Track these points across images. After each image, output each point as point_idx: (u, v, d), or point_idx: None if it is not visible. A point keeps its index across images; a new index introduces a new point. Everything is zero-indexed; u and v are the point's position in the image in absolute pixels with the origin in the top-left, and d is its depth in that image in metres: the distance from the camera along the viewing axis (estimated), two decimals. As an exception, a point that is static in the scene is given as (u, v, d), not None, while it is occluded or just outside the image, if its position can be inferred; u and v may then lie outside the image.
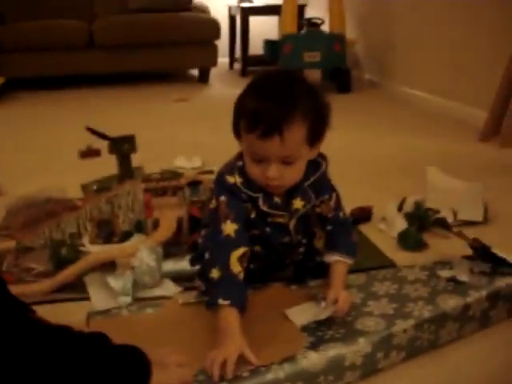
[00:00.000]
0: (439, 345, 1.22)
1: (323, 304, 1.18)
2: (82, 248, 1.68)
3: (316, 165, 1.24)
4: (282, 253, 1.31)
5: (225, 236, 1.15)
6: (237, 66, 5.58)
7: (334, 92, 4.37)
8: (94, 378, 0.87)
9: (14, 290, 1.44)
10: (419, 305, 1.21)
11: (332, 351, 1.07)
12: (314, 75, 4.61)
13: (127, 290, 1.38)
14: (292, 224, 1.26)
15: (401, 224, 1.76)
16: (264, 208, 1.20)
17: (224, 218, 1.17)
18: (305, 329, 1.14)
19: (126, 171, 1.99)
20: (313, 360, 1.05)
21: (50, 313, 1.37)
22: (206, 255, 1.18)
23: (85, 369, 0.86)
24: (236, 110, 1.15)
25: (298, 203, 1.23)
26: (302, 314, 1.17)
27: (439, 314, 1.20)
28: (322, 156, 1.26)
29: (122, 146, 1.95)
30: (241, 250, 1.14)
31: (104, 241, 1.70)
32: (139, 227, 1.73)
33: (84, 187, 2.13)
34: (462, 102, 3.39)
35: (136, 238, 1.67)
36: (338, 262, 1.25)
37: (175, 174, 2.06)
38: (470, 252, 1.46)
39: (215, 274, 1.12)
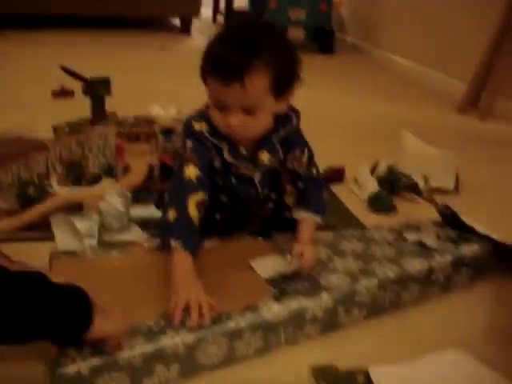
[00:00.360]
0: (401, 305, 1.24)
1: (289, 258, 1.18)
2: (49, 189, 1.66)
3: (287, 119, 1.22)
4: (249, 205, 1.30)
5: (186, 180, 1.14)
6: (220, 19, 5.49)
7: (316, 52, 4.33)
8: (33, 315, 0.83)
9: (-23, 225, 1.43)
10: (384, 265, 1.22)
11: (294, 303, 1.08)
12: (298, 34, 4.57)
13: (93, 231, 1.37)
14: (257, 177, 1.25)
15: (372, 186, 1.77)
16: (228, 158, 1.19)
17: (187, 161, 1.16)
18: (269, 281, 1.14)
19: (99, 114, 1.95)
20: (274, 310, 1.05)
21: (13, 251, 1.36)
22: (166, 197, 1.18)
23: (23, 306, 0.83)
24: (203, 54, 1.13)
25: (264, 156, 1.22)
26: (268, 266, 1.17)
27: (403, 275, 1.21)
28: (294, 110, 1.24)
29: (97, 88, 1.91)
30: (199, 196, 1.14)
31: (73, 183, 1.67)
32: (109, 171, 1.70)
33: (55, 128, 2.09)
34: (443, 72, 3.39)
35: (105, 182, 1.65)
36: (307, 219, 1.25)
37: (149, 121, 2.02)
38: (438, 219, 1.47)
39: (171, 215, 1.11)
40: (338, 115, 2.78)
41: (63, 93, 2.17)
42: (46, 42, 4.08)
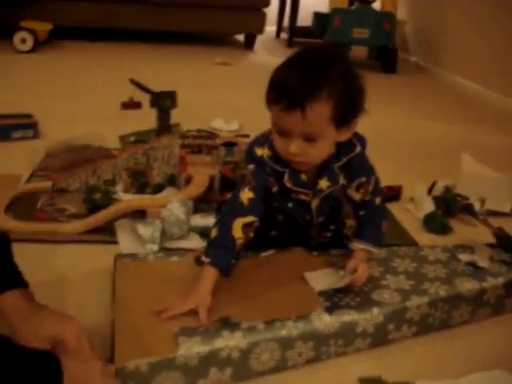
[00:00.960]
0: (450, 325, 1.25)
1: (342, 273, 1.21)
2: (115, 195, 1.74)
3: (350, 147, 1.21)
4: (306, 230, 1.32)
5: (238, 202, 1.17)
6: (283, 35, 5.56)
7: (378, 71, 4.33)
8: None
9: (48, 227, 1.51)
10: (436, 284, 1.24)
11: (345, 317, 1.11)
12: (361, 52, 4.58)
13: (155, 238, 1.43)
14: (315, 203, 1.25)
15: (428, 206, 1.78)
16: (288, 184, 1.20)
17: (245, 185, 1.18)
18: (321, 294, 1.17)
19: (165, 126, 2.03)
20: (326, 322, 1.08)
21: (79, 253, 1.44)
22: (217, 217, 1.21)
23: None
24: (269, 79, 1.13)
25: (323, 183, 1.21)
26: (320, 280, 1.21)
27: (454, 295, 1.22)
28: (359, 138, 1.23)
29: (164, 101, 1.99)
30: (248, 219, 1.15)
31: (137, 191, 1.75)
32: (172, 181, 1.77)
33: (122, 138, 2.18)
34: (505, 94, 3.35)
35: (168, 191, 1.72)
36: (364, 250, 1.25)
37: (211, 134, 2.09)
38: (493, 241, 1.47)
39: (213, 233, 1.14)
40: (396, 135, 2.78)
41: (132, 105, 2.26)
42: (116, 54, 4.23)
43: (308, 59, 1.10)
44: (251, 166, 1.20)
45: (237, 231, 1.14)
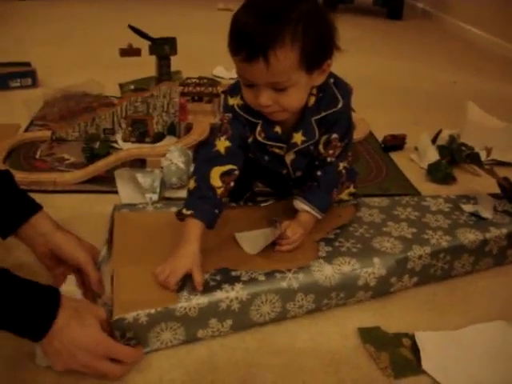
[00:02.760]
0: (452, 275, 1.24)
1: (273, 229, 1.14)
2: (114, 144, 1.72)
3: (332, 102, 1.11)
4: (284, 182, 1.27)
5: (214, 151, 1.11)
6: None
7: (384, 18, 4.25)
8: None
9: (47, 177, 1.50)
10: (438, 234, 1.22)
11: (346, 267, 1.10)
12: (366, -2, 4.48)
13: (155, 187, 1.41)
14: (289, 158, 1.17)
15: (432, 155, 1.76)
16: (259, 137, 1.14)
17: (221, 133, 1.13)
18: (322, 239, 1.16)
19: (165, 73, 1.99)
20: (327, 275, 1.07)
21: (78, 202, 1.43)
22: (193, 167, 1.15)
23: None
24: (230, 27, 1.01)
25: (297, 137, 1.13)
26: (251, 240, 1.14)
27: (456, 246, 1.20)
28: (344, 91, 1.12)
29: (163, 47, 1.94)
30: (227, 167, 1.09)
31: (136, 139, 1.73)
32: (172, 130, 1.75)
33: (122, 86, 2.14)
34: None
35: (168, 140, 1.70)
36: (307, 212, 1.15)
37: (213, 82, 2.05)
38: (497, 191, 1.45)
39: (191, 184, 1.09)
40: (401, 82, 2.74)
41: (131, 52, 2.20)
42: (115, 1, 4.15)
43: (267, 0, 0.98)
44: (228, 115, 1.14)
45: (215, 180, 1.08)
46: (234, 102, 1.13)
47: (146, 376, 0.94)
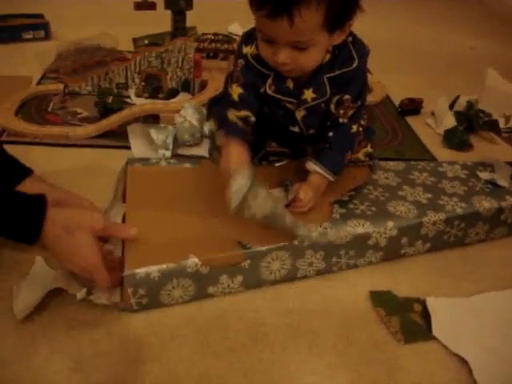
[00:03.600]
0: (466, 243, 1.23)
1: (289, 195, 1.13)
2: (127, 99, 1.70)
3: (348, 60, 1.08)
4: (298, 140, 1.25)
5: (228, 98, 1.11)
6: None
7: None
8: None
9: (59, 131, 1.49)
10: (453, 200, 1.21)
11: (358, 228, 1.09)
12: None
13: (167, 143, 1.40)
14: (300, 114, 1.15)
15: (449, 121, 1.73)
16: (269, 90, 1.12)
17: (233, 81, 1.12)
18: (337, 201, 1.15)
19: (180, 28, 1.95)
20: (338, 234, 1.07)
21: (90, 156, 1.42)
22: (207, 113, 1.16)
23: None
24: None
25: (308, 94, 1.10)
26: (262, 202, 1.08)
27: (471, 213, 1.19)
28: (360, 51, 1.09)
29: (178, 2, 1.91)
30: (242, 113, 1.09)
31: (150, 95, 1.71)
32: (186, 86, 1.72)
33: (135, 40, 2.12)
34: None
35: (182, 97, 1.68)
36: (319, 173, 1.13)
37: (228, 38, 2.02)
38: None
39: (211, 124, 1.11)
40: (419, 45, 2.69)
41: (145, 5, 2.17)
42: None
43: None
44: (241, 61, 1.12)
45: (233, 118, 1.09)
46: (247, 50, 1.11)
47: (157, 332, 0.94)
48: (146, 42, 2.05)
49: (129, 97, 1.71)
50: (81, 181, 1.20)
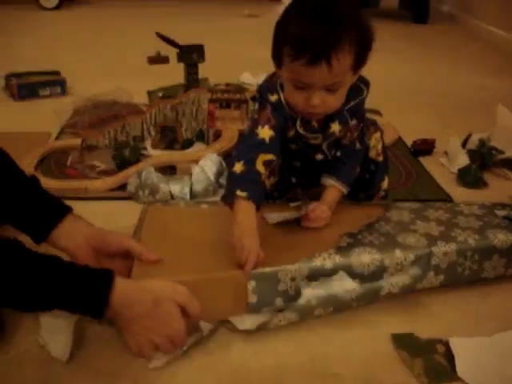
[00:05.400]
0: (483, 277, 1.20)
1: (302, 209, 1.19)
2: (144, 151, 1.73)
3: (358, 91, 1.19)
4: (322, 169, 1.29)
5: (259, 138, 1.14)
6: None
7: (409, 21, 4.23)
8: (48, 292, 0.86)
9: (78, 184, 1.52)
10: (466, 232, 1.19)
11: (366, 259, 1.09)
12: (392, 2, 4.46)
13: (184, 193, 1.42)
14: (325, 145, 1.23)
15: (462, 160, 1.74)
16: (300, 130, 1.19)
17: (264, 122, 1.15)
18: (346, 233, 1.16)
19: (193, 80, 2.00)
20: (347, 287, 1.06)
21: (109, 208, 1.45)
22: (233, 152, 1.18)
23: (39, 283, 0.85)
24: (277, 35, 1.08)
25: (335, 127, 1.19)
26: (277, 217, 1.18)
27: (485, 245, 1.17)
28: (364, 82, 1.20)
29: (191, 55, 1.96)
30: (269, 156, 1.13)
31: (166, 146, 1.74)
32: (201, 136, 1.76)
33: (150, 93, 2.16)
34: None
35: (197, 147, 1.71)
36: (334, 186, 1.24)
37: (240, 88, 2.06)
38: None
39: (238, 167, 1.10)
40: (430, 86, 2.72)
41: (159, 59, 2.23)
42: (142, 9, 4.19)
43: (316, 5, 1.03)
44: (269, 107, 1.18)
45: (260, 166, 1.11)
46: (275, 98, 1.18)
47: (179, 379, 0.94)
48: (161, 94, 2.10)
49: (145, 149, 1.75)
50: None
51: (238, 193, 1.07)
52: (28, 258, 0.86)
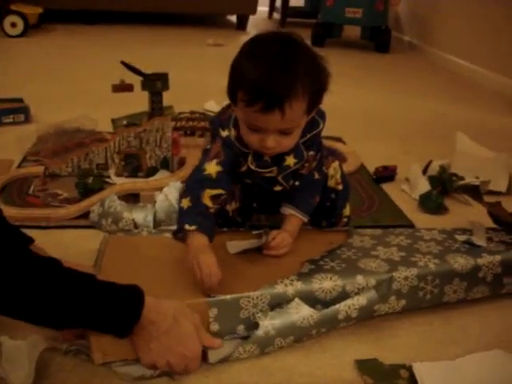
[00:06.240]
0: (445, 301, 1.22)
1: (263, 237, 1.19)
2: (107, 179, 1.72)
3: (314, 123, 1.19)
4: (281, 196, 1.30)
5: (205, 174, 1.16)
6: (276, 15, 5.51)
7: (372, 51, 4.31)
8: (81, 310, 0.89)
9: (41, 213, 1.50)
10: (427, 257, 1.21)
11: (328, 285, 1.10)
12: (354, 32, 4.55)
13: (148, 221, 1.42)
14: (281, 177, 1.24)
15: (423, 186, 1.77)
16: (252, 166, 1.19)
17: (212, 157, 1.17)
18: (308, 260, 1.17)
19: (157, 108, 2.00)
20: (305, 315, 1.06)
21: (72, 237, 1.43)
22: (182, 189, 1.22)
23: (73, 300, 0.88)
24: (232, 76, 1.09)
25: (290, 160, 1.20)
26: (239, 245, 1.20)
27: (445, 269, 1.19)
28: (321, 114, 1.21)
29: (155, 83, 1.96)
30: (216, 191, 1.15)
31: (130, 174, 1.73)
32: (165, 164, 1.76)
33: (114, 121, 2.16)
34: (501, 74, 3.34)
35: (161, 174, 1.70)
36: (293, 215, 1.26)
37: (204, 116, 2.07)
38: (489, 220, 1.45)
39: (185, 203, 1.13)
40: (390, 114, 2.77)
41: (123, 87, 2.22)
42: (107, 37, 4.19)
43: (272, 52, 1.04)
44: (220, 141, 1.19)
45: (207, 201, 1.14)
46: (226, 133, 1.18)
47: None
48: (125, 122, 2.09)
49: (109, 177, 1.74)
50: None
51: (187, 227, 1.09)
52: (64, 277, 0.89)
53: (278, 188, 1.27)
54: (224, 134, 1.18)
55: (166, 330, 0.92)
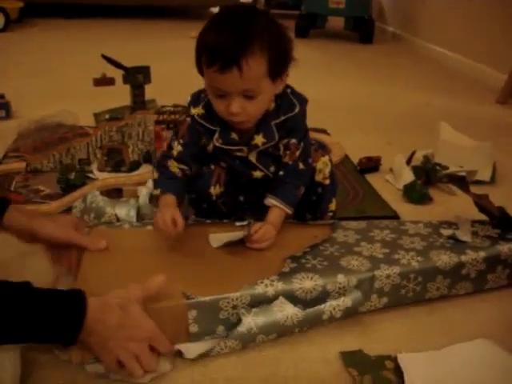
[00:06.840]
0: (428, 298, 1.22)
1: (245, 229, 1.19)
2: (90, 174, 1.71)
3: (290, 106, 1.23)
4: (265, 187, 1.30)
5: (172, 152, 1.25)
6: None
7: (355, 42, 4.31)
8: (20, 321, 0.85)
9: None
10: (410, 254, 1.20)
11: (309, 284, 1.09)
12: (337, 23, 4.55)
13: (131, 217, 1.40)
14: (253, 157, 1.26)
15: (407, 176, 1.77)
16: (217, 143, 1.24)
17: (179, 136, 1.26)
18: (290, 256, 1.15)
19: (139, 102, 1.99)
20: (288, 314, 1.06)
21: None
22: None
23: (6, 314, 0.83)
24: (197, 45, 1.15)
25: (258, 139, 1.23)
26: (222, 238, 1.19)
27: (428, 267, 1.18)
28: (300, 98, 1.25)
29: (137, 76, 1.95)
30: (180, 166, 1.24)
31: (112, 169, 1.72)
32: (148, 158, 1.74)
33: (96, 116, 2.14)
34: (484, 63, 3.35)
35: (144, 168, 1.69)
36: (277, 207, 1.25)
37: (187, 109, 2.05)
38: (474, 210, 1.45)
39: (155, 175, 1.25)
40: (375, 105, 2.78)
41: (104, 81, 2.20)
42: (89, 31, 4.16)
43: (232, 18, 1.12)
44: (188, 120, 1.26)
45: (174, 169, 1.24)
46: (195, 111, 1.25)
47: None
48: (107, 116, 2.08)
49: (91, 172, 1.72)
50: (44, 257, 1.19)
51: (154, 192, 1.23)
52: None
53: (257, 174, 1.28)
54: (193, 111, 1.25)
55: (117, 323, 0.90)
